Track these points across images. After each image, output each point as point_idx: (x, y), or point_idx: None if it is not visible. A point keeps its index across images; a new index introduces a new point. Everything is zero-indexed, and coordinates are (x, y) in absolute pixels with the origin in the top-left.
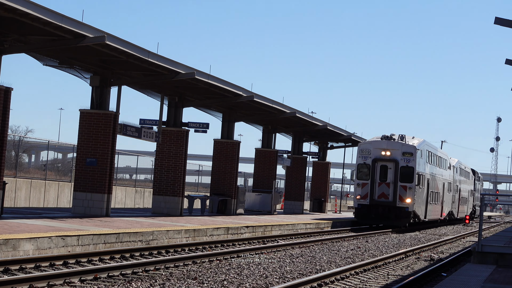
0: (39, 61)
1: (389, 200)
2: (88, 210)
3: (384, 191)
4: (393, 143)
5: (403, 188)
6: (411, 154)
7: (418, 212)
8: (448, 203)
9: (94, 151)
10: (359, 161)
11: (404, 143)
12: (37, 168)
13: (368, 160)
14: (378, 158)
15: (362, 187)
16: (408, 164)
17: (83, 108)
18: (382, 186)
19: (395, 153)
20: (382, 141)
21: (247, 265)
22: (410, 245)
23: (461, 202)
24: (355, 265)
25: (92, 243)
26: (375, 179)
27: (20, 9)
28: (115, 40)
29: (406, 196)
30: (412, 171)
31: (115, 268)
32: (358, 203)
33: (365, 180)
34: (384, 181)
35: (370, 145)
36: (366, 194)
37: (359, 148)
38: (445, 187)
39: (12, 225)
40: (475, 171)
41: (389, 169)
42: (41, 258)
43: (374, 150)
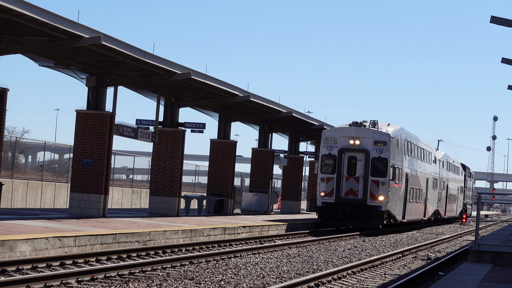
0: (35, 62)
1: (358, 197)
2: (85, 210)
3: (352, 187)
4: (363, 130)
5: (375, 184)
6: (384, 144)
7: (393, 211)
8: (433, 201)
9: (90, 151)
10: (323, 152)
11: (376, 131)
12: (33, 169)
13: (334, 151)
14: (346, 148)
15: (326, 182)
16: (381, 155)
17: (79, 109)
18: (350, 181)
19: (365, 142)
20: (351, 128)
21: (244, 265)
22: (407, 244)
23: (449, 200)
24: (352, 264)
25: (89, 243)
26: (342, 173)
27: (15, 10)
28: (111, 41)
29: (378, 193)
30: (385, 164)
31: (112, 269)
32: (322, 201)
33: (330, 174)
34: (353, 175)
35: (336, 132)
36: (331, 191)
37: (323, 136)
38: (429, 184)
39: (9, 226)
40: (465, 166)
41: (359, 161)
42: (38, 259)
43: (341, 139)
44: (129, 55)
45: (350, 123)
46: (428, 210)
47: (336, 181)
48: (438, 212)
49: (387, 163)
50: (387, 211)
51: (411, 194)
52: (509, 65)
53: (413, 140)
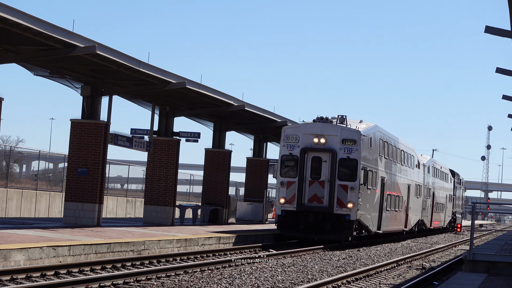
0: (29, 71)
1: (323, 205)
2: (80, 220)
3: (316, 192)
4: (329, 127)
5: (343, 189)
6: (353, 142)
7: (366, 221)
8: (416, 210)
9: (85, 161)
10: (283, 152)
11: (344, 127)
12: (28, 178)
13: (296, 150)
14: (309, 148)
15: (287, 187)
16: (350, 156)
17: (74, 118)
18: (314, 185)
19: (332, 141)
20: (315, 125)
21: (239, 274)
22: (402, 253)
23: (436, 209)
24: (346, 274)
25: (84, 253)
26: (305, 176)
27: (10, 19)
28: (106, 50)
29: (346, 200)
30: (355, 165)
31: (106, 278)
32: (281, 209)
33: (291, 177)
34: (317, 179)
35: (298, 129)
36: (292, 197)
37: (283, 133)
38: (412, 190)
39: (3, 235)
40: (455, 172)
41: (324, 163)
42: (32, 269)
43: (303, 137)
44: (124, 64)
45: (315, 119)
46: (410, 219)
47: (297, 185)
48: (423, 222)
49: (357, 164)
50: (358, 221)
51: (388, 201)
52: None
53: (390, 141)
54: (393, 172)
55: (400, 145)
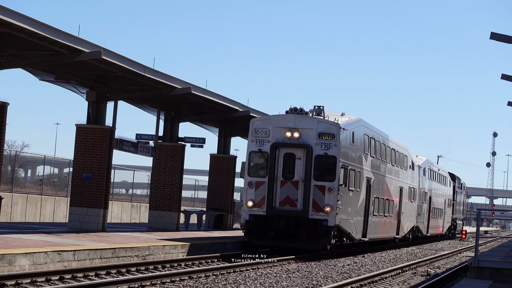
0: (35, 76)
1: (297, 208)
2: (85, 225)
3: (289, 194)
4: (304, 119)
5: (320, 190)
6: (332, 137)
7: (347, 227)
8: (409, 215)
9: (90, 166)
10: (251, 148)
11: (321, 120)
12: (33, 183)
13: (266, 146)
14: (281, 143)
15: (256, 188)
16: (328, 152)
17: (79, 123)
18: (286, 186)
19: (307, 135)
20: (288, 116)
21: (244, 280)
22: (407, 260)
23: (434, 214)
24: (351, 280)
25: (88, 258)
26: (276, 176)
27: (16, 24)
28: (111, 55)
29: (324, 203)
30: (333, 163)
31: (111, 283)
32: (249, 214)
33: (261, 177)
34: (290, 179)
35: (269, 122)
36: (261, 200)
37: (251, 127)
38: (404, 194)
39: (8, 240)
40: (455, 176)
41: (298, 160)
42: (37, 273)
43: (274, 131)
44: (129, 69)
45: (287, 110)
46: (403, 226)
47: (267, 186)
48: (418, 229)
49: (335, 162)
50: (337, 227)
51: (376, 205)
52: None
53: (378, 137)
54: (382, 172)
55: (390, 143)
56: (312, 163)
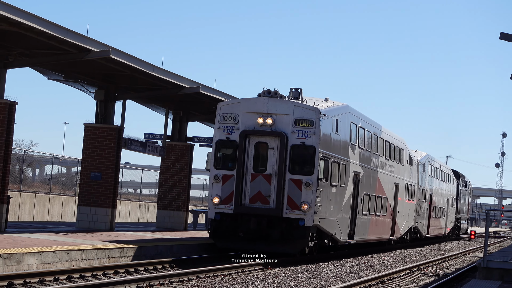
0: (43, 75)
1: (269, 206)
2: (93, 224)
3: (261, 189)
4: (278, 103)
5: (296, 185)
6: (310, 124)
7: (328, 228)
8: (406, 215)
9: (98, 165)
10: (218, 136)
11: (298, 104)
12: (41, 182)
13: (234, 134)
14: (252, 131)
15: (223, 182)
16: (305, 142)
17: (87, 122)
18: (258, 180)
19: (282, 121)
20: (260, 100)
21: (252, 280)
22: (415, 260)
23: (435, 214)
24: (360, 280)
25: (97, 257)
26: (246, 168)
27: (25, 23)
28: (120, 55)
29: (300, 199)
30: (311, 154)
31: (119, 283)
32: (215, 212)
33: (229, 169)
34: (262, 172)
35: (238, 107)
36: (229, 196)
37: (218, 112)
38: (400, 191)
39: (16, 239)
40: (459, 173)
41: (271, 150)
42: (45, 273)
43: (245, 116)
44: (138, 69)
45: (260, 93)
46: (398, 226)
47: (236, 180)
48: (417, 230)
49: (314, 153)
50: (316, 227)
51: (365, 203)
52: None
53: (369, 127)
54: (373, 167)
55: (383, 135)
56: (287, 153)
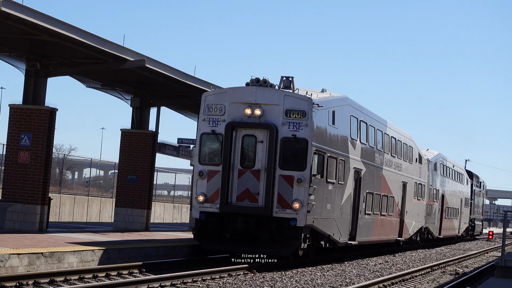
0: (82, 83)
1: (258, 204)
2: (129, 224)
3: (249, 186)
4: (267, 93)
5: (287, 181)
6: (302, 115)
7: (325, 228)
8: (416, 215)
9: (134, 168)
10: (203, 129)
11: (289, 93)
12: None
13: (220, 126)
14: (239, 123)
15: (208, 179)
16: (297, 134)
17: (124, 128)
18: (245, 177)
19: (271, 112)
20: (248, 89)
21: (280, 278)
22: (436, 259)
23: (447, 214)
24: (383, 278)
25: (133, 256)
26: (233, 164)
27: (64, 34)
28: (154, 63)
29: (291, 197)
30: (303, 148)
31: (154, 280)
32: (200, 211)
33: (215, 165)
34: (250, 167)
35: (225, 97)
36: (215, 193)
37: (203, 102)
38: (409, 190)
39: (57, 238)
40: (473, 174)
41: (260, 144)
42: (84, 270)
43: (231, 107)
44: (171, 77)
45: (248, 82)
46: (407, 227)
47: (222, 177)
48: (428, 230)
49: (306, 146)
50: (310, 228)
51: (369, 202)
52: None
53: (371, 122)
54: (377, 164)
55: (389, 131)
56: (277, 147)
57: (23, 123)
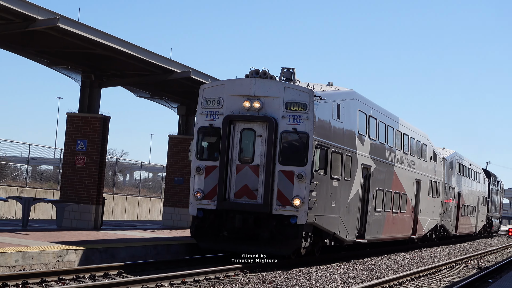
0: (133, 93)
1: (257, 201)
2: (176, 222)
3: (247, 182)
4: (266, 85)
5: (287, 177)
6: (303, 107)
7: (329, 226)
8: (431, 212)
9: (181, 171)
10: (201, 123)
11: (289, 85)
12: (131, 186)
13: (218, 120)
14: (237, 116)
15: (206, 174)
16: (298, 128)
17: (171, 134)
18: (244, 172)
19: (270, 105)
20: (246, 81)
21: (315, 271)
22: (460, 254)
23: (464, 212)
24: (410, 272)
25: (180, 251)
26: (231, 159)
27: (117, 48)
28: (198, 74)
29: (292, 194)
30: (304, 142)
31: (200, 274)
32: (198, 208)
33: (212, 160)
34: (249, 163)
35: (223, 89)
36: (213, 190)
37: (201, 95)
38: (423, 188)
39: (111, 235)
40: (490, 173)
41: (258, 138)
42: (135, 265)
43: (229, 100)
44: None
45: (247, 73)
46: (421, 224)
47: (220, 172)
48: (444, 228)
49: (307, 141)
50: (313, 226)
51: (379, 199)
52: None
53: (381, 118)
54: (389, 161)
55: (401, 127)
56: (276, 141)
57: (79, 130)
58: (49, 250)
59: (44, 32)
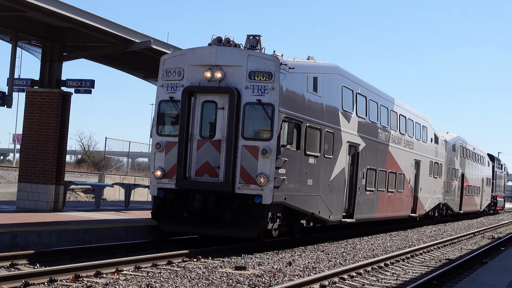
0: None
1: (218, 179)
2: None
3: (209, 159)
4: (228, 52)
5: (250, 153)
6: (268, 77)
7: (304, 206)
8: (432, 191)
9: None
10: (161, 96)
11: (253, 53)
12: None
13: (178, 93)
14: (197, 87)
15: (166, 151)
16: (262, 99)
17: None
18: (205, 148)
19: (233, 75)
20: (207, 49)
21: (359, 242)
22: (477, 227)
23: (468, 192)
24: (437, 241)
25: None
26: (191, 134)
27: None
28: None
29: (257, 171)
30: (269, 114)
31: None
32: (158, 187)
33: (173, 136)
34: (210, 138)
35: (183, 59)
36: (173, 167)
37: (161, 66)
38: (424, 168)
39: None
40: (494, 157)
41: (220, 111)
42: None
43: (190, 70)
44: None
45: (210, 42)
46: (421, 203)
47: (179, 148)
48: (447, 206)
49: (272, 112)
50: (283, 205)
51: (370, 179)
52: None
53: (372, 96)
54: (382, 140)
55: (396, 108)
56: (239, 114)
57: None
58: None
59: None
